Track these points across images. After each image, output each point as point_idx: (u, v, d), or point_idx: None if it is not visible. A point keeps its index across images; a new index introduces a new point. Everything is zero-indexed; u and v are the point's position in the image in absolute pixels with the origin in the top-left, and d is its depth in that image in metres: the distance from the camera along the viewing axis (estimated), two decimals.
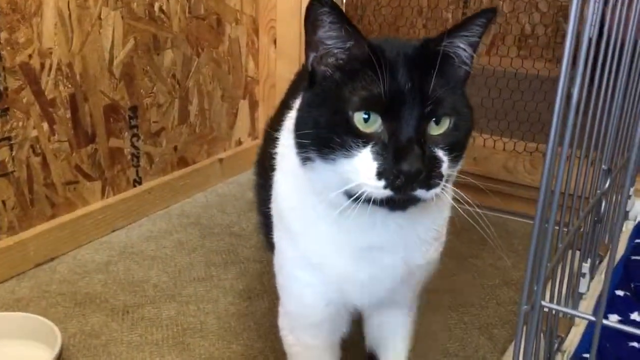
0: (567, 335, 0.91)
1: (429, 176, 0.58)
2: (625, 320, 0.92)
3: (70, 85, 1.24)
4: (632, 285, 1.01)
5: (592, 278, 1.05)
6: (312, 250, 0.71)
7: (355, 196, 0.59)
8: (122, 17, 1.32)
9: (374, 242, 0.68)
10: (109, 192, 1.39)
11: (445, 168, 0.59)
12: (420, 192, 0.58)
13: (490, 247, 1.35)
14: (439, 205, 0.68)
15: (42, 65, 1.18)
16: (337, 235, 0.68)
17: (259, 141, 1.83)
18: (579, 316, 0.76)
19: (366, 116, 0.59)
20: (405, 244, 0.69)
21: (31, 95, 1.17)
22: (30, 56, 1.15)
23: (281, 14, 1.70)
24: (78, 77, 1.25)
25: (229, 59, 1.66)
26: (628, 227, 1.24)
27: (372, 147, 0.58)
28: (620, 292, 0.99)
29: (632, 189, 1.27)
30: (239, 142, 1.78)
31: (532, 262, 0.59)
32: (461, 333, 1.08)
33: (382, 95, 0.58)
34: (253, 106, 1.80)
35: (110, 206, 1.38)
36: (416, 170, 0.56)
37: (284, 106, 0.82)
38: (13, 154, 1.16)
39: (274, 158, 0.76)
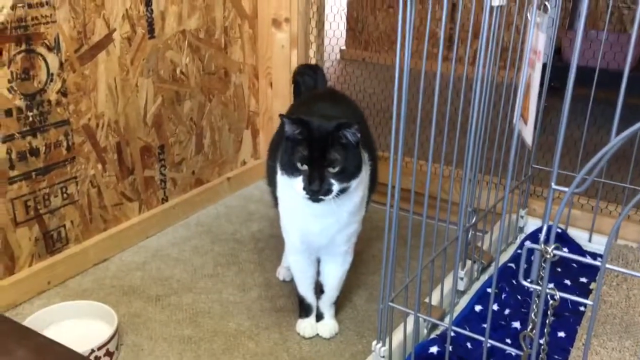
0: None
1: (324, 191, 1.17)
2: (485, 309, 1.38)
3: (116, 136, 1.72)
4: (499, 285, 1.46)
5: (477, 279, 1.50)
6: (292, 215, 1.35)
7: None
8: (153, 82, 1.79)
9: (315, 213, 1.27)
10: (144, 209, 1.88)
11: (335, 188, 1.17)
12: (322, 197, 1.18)
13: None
14: (347, 199, 1.25)
15: (97, 124, 1.66)
16: (301, 208, 1.28)
17: (260, 161, 2.31)
18: (426, 318, 1.22)
19: (299, 164, 1.16)
20: (332, 215, 1.27)
21: (90, 146, 1.65)
22: (89, 119, 1.63)
23: (275, 63, 2.16)
24: (122, 129, 1.73)
25: (234, 100, 2.13)
26: (519, 240, 1.68)
27: (301, 176, 1.17)
28: (489, 290, 1.44)
29: (523, 211, 1.71)
30: (244, 163, 2.25)
31: (385, 273, 1.05)
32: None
33: (307, 156, 1.16)
34: (255, 134, 2.26)
35: (145, 219, 1.87)
36: (316, 188, 1.16)
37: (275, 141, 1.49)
38: (78, 188, 1.65)
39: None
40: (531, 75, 0.82)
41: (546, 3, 0.84)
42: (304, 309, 1.48)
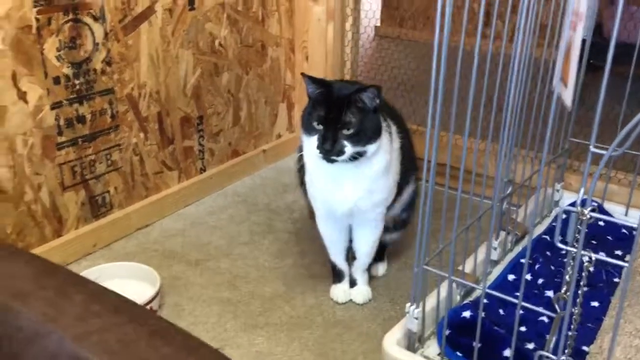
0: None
1: (336, 152, 1.21)
2: (518, 279, 1.39)
3: (158, 106, 1.77)
4: (533, 255, 1.47)
5: (510, 250, 1.52)
6: (315, 181, 1.37)
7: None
8: (193, 54, 1.83)
9: (334, 176, 1.31)
10: (183, 178, 1.93)
11: (348, 150, 1.21)
12: (333, 157, 1.22)
13: None
14: (366, 165, 1.28)
15: (140, 94, 1.71)
16: (322, 172, 1.33)
17: (295, 134, 2.34)
18: (459, 281, 1.24)
19: (315, 123, 1.20)
20: (351, 180, 1.30)
21: (133, 115, 1.71)
22: (132, 88, 1.68)
23: (311, 37, 2.17)
24: (163, 99, 1.78)
25: (270, 73, 2.16)
26: (554, 213, 1.68)
27: (317, 135, 1.21)
28: (522, 260, 1.45)
29: (559, 185, 1.71)
30: (279, 136, 2.29)
31: (420, 240, 1.08)
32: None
33: (323, 116, 1.21)
34: (290, 107, 2.29)
35: (184, 188, 1.92)
36: (328, 148, 1.20)
37: None
38: (121, 155, 1.71)
39: None
40: (572, 38, 0.83)
41: None
42: (336, 275, 1.52)
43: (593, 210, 0.85)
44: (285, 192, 2.05)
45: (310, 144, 1.24)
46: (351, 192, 1.32)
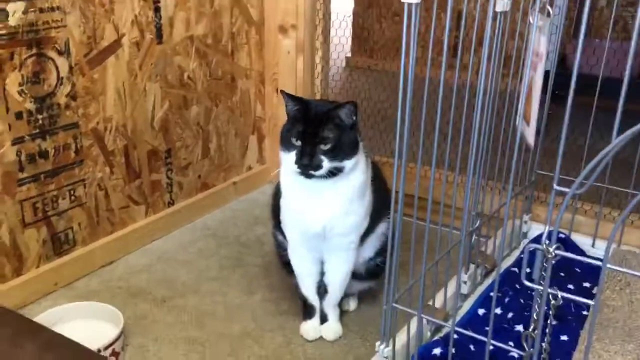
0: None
1: (314, 166, 1.22)
2: (488, 313, 1.38)
3: (124, 139, 1.74)
4: (503, 288, 1.46)
5: (480, 283, 1.51)
6: (290, 199, 1.37)
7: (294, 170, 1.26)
8: (161, 87, 1.81)
9: (310, 190, 1.30)
10: (150, 212, 1.89)
11: (325, 164, 1.23)
12: (311, 172, 1.23)
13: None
14: (343, 182, 1.29)
15: (105, 128, 1.68)
16: (298, 186, 1.32)
17: (266, 166, 2.32)
18: (429, 319, 1.23)
19: (294, 139, 1.24)
20: (329, 196, 1.30)
21: (98, 149, 1.67)
22: (98, 123, 1.66)
23: (282, 69, 2.18)
24: (130, 132, 1.75)
25: (240, 105, 2.15)
26: (522, 244, 1.69)
27: (295, 151, 1.24)
28: (492, 294, 1.45)
29: (527, 216, 1.72)
30: (249, 168, 2.27)
31: (388, 277, 1.07)
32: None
33: (301, 132, 1.23)
34: (260, 139, 2.28)
35: (151, 223, 1.88)
36: (306, 163, 1.22)
37: None
38: (86, 191, 1.67)
39: None
40: (533, 78, 0.84)
41: (549, 8, 0.85)
42: (307, 311, 1.49)
43: (558, 248, 0.85)
44: (256, 225, 2.02)
45: (289, 160, 1.26)
46: (327, 209, 1.31)
